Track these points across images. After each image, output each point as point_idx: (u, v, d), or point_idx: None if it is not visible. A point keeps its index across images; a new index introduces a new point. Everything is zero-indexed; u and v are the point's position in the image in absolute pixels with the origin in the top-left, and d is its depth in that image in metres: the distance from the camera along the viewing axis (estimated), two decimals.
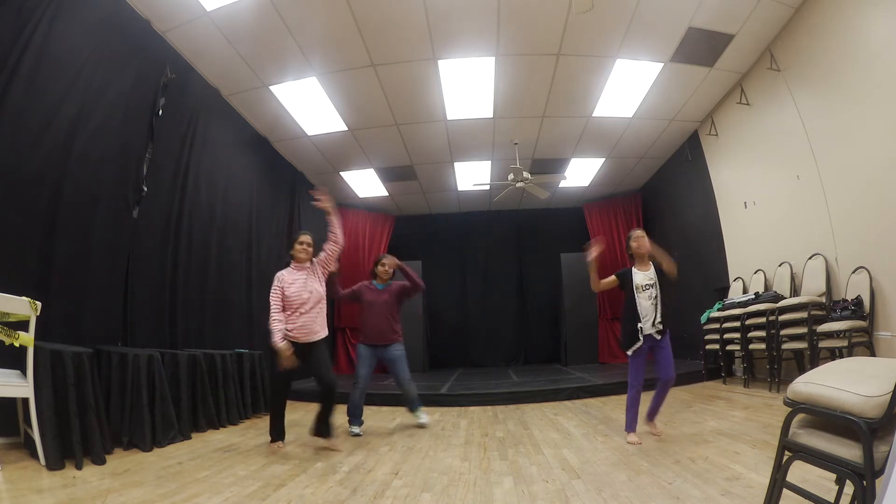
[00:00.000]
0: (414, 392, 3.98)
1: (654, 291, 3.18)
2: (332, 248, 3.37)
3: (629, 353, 3.20)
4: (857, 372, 1.31)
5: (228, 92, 5.63)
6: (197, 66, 5.06)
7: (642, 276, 3.24)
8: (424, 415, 4.01)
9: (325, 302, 3.33)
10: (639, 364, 3.18)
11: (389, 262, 4.04)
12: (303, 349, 3.18)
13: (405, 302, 4.06)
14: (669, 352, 3.18)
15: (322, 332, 3.28)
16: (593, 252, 3.29)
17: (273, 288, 3.22)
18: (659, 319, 3.13)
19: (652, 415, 3.26)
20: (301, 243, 3.31)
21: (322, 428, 3.27)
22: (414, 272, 4.01)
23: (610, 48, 5.09)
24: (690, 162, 7.15)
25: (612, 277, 3.35)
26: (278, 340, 3.08)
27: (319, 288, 3.30)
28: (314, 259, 3.36)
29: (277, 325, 3.11)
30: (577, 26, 4.71)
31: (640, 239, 3.26)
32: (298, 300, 3.18)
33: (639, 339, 3.15)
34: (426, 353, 9.22)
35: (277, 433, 3.32)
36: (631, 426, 3.15)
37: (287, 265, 3.34)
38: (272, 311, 3.16)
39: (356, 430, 3.72)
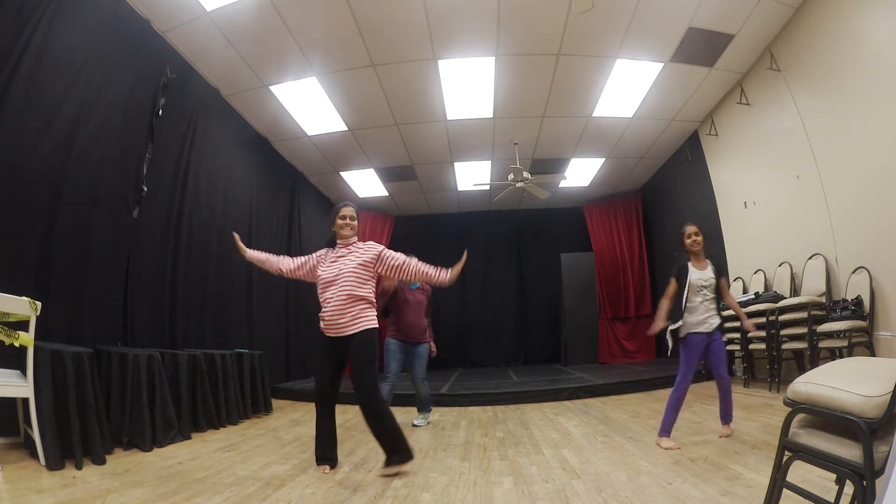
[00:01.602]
0: (425, 392, 4.04)
1: (708, 293, 3.04)
2: (408, 271, 2.77)
3: (670, 344, 3.09)
4: (857, 372, 1.31)
5: (228, 92, 5.63)
6: (197, 66, 5.06)
7: (698, 276, 3.06)
8: (424, 420, 4.02)
9: (359, 288, 2.69)
10: (689, 359, 2.98)
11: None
12: (341, 344, 2.67)
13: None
14: (721, 352, 3.07)
15: (353, 325, 2.64)
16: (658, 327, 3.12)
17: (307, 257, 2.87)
18: (713, 318, 3.01)
19: (725, 417, 3.04)
20: (343, 217, 2.80)
21: (388, 452, 2.59)
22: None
23: (610, 48, 5.09)
24: (690, 162, 7.15)
25: (672, 283, 3.11)
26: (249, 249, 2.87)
27: (351, 266, 2.70)
28: (379, 247, 2.83)
29: (265, 254, 2.91)
30: (577, 26, 4.70)
31: (695, 236, 3.12)
32: (327, 280, 2.70)
33: (679, 334, 3.03)
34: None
35: (319, 453, 2.68)
36: (667, 429, 2.89)
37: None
38: (272, 257, 2.90)
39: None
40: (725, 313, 5.40)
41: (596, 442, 3.10)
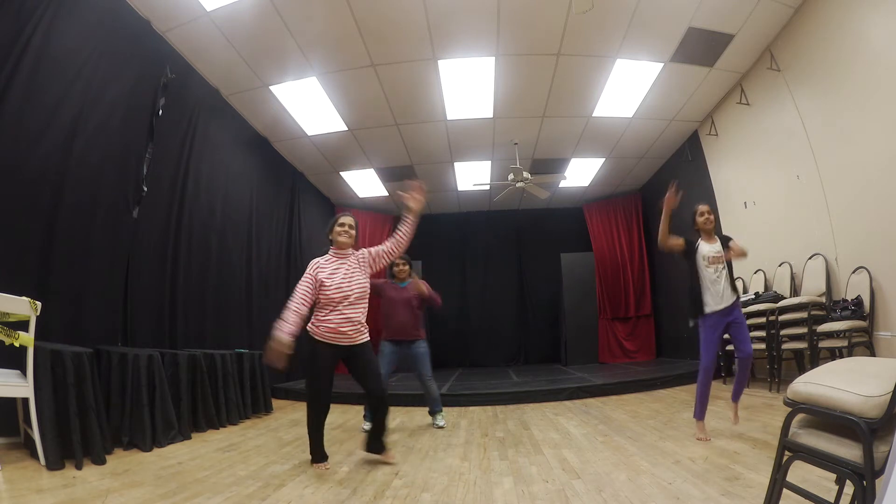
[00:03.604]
0: (435, 391, 4.00)
1: (721, 265, 3.13)
2: (391, 250, 2.95)
3: (691, 324, 3.23)
4: (858, 372, 1.32)
5: (228, 92, 5.63)
6: (197, 66, 5.06)
7: (709, 249, 3.18)
8: (442, 419, 3.98)
9: (367, 299, 2.91)
10: (708, 338, 3.11)
11: (406, 268, 4.05)
12: (346, 353, 2.82)
13: (426, 305, 4.12)
14: (744, 326, 3.13)
15: (366, 333, 2.88)
16: (671, 199, 3.22)
17: (304, 275, 2.78)
18: (730, 292, 3.08)
19: (735, 395, 3.15)
20: (342, 225, 2.89)
21: (374, 443, 2.90)
22: (432, 293, 4.03)
23: (610, 48, 5.09)
24: (690, 162, 7.14)
25: (681, 240, 3.25)
26: (282, 331, 2.57)
27: (364, 282, 2.85)
28: (364, 250, 2.94)
29: (292, 315, 2.63)
30: (577, 26, 4.71)
31: (707, 215, 3.27)
32: (340, 294, 2.77)
33: (702, 311, 3.12)
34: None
35: (319, 453, 2.85)
36: (699, 413, 3.05)
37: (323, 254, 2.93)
38: (294, 300, 2.68)
39: (369, 426, 3.74)
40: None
41: (596, 442, 3.10)
